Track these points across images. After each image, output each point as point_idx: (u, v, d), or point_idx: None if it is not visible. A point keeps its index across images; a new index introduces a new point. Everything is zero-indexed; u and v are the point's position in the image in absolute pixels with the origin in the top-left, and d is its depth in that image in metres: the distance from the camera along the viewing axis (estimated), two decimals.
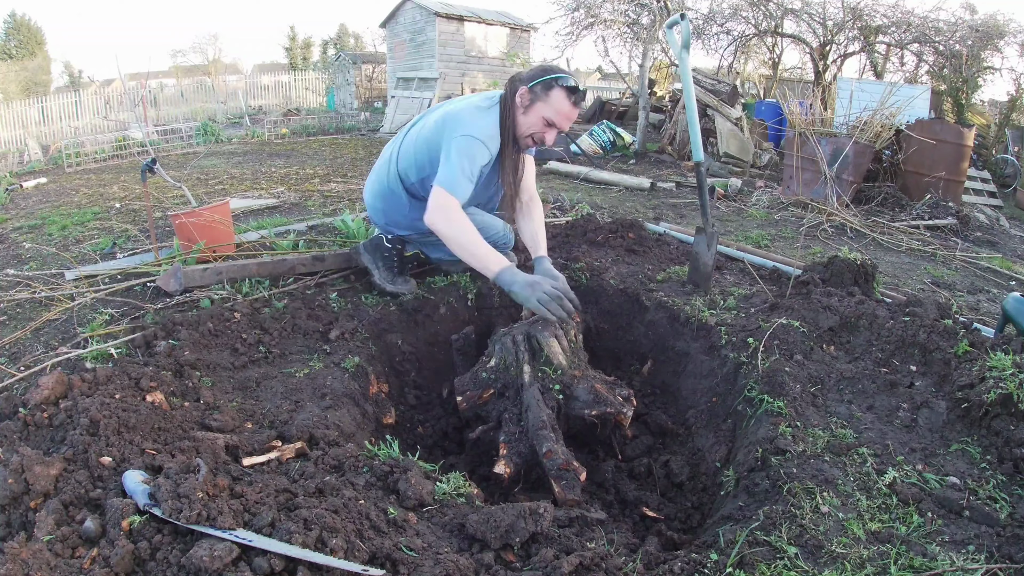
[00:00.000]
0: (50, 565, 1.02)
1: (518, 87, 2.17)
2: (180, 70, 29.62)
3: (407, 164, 2.36)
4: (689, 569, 1.22)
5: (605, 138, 8.05)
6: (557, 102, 2.13)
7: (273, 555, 1.05)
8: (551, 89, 2.12)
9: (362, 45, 29.92)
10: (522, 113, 2.18)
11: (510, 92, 2.20)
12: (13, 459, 1.24)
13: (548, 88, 2.12)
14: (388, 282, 2.50)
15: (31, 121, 15.40)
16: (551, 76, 2.13)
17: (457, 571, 1.13)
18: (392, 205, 2.46)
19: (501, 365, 1.97)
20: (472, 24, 13.61)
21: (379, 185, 2.48)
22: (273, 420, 1.67)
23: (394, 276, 2.53)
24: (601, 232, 3.17)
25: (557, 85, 2.12)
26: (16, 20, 29.33)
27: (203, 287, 2.45)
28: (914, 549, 1.23)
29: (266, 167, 6.42)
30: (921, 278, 3.24)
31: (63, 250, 3.13)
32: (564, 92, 2.13)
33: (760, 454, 1.58)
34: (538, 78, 2.14)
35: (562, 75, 2.13)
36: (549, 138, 2.24)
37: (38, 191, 5.62)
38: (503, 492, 1.78)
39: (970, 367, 1.79)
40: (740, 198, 5.29)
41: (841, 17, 10.58)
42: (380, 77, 17.63)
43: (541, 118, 2.16)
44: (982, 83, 10.19)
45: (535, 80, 2.14)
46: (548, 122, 2.17)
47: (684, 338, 2.35)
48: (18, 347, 2.07)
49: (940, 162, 5.46)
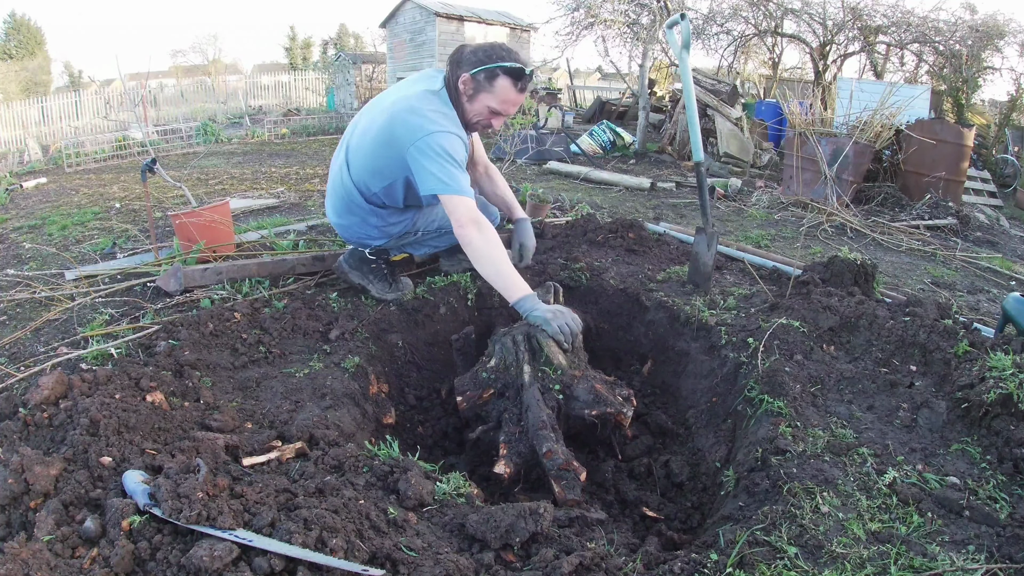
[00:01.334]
0: (50, 565, 1.02)
1: (460, 73, 2.04)
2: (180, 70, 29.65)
3: (363, 173, 2.23)
4: (689, 569, 1.22)
5: (605, 138, 8.05)
6: (502, 91, 2.02)
7: (273, 555, 1.05)
8: (495, 79, 2.00)
9: (362, 45, 29.93)
10: (467, 100, 2.07)
11: (453, 78, 2.06)
12: (13, 459, 1.24)
13: (492, 77, 2.00)
14: (387, 292, 2.45)
15: (31, 121, 15.39)
16: (493, 64, 1.98)
17: (457, 571, 1.13)
18: (358, 219, 2.35)
19: (501, 365, 1.97)
20: (472, 24, 13.60)
21: (339, 201, 2.35)
22: (273, 420, 1.67)
23: (389, 285, 2.47)
24: (601, 232, 3.17)
25: (501, 73, 1.99)
26: (16, 20, 29.31)
27: (203, 287, 2.45)
28: (914, 549, 1.23)
29: (266, 167, 6.42)
30: (921, 278, 3.24)
31: (63, 250, 3.13)
32: (509, 81, 2.00)
33: (760, 454, 1.58)
34: (480, 65, 1.99)
35: (504, 62, 1.98)
36: (496, 124, 2.15)
37: (38, 191, 5.62)
38: (503, 492, 1.78)
39: (970, 367, 1.79)
40: (740, 198, 5.29)
41: (841, 17, 10.59)
42: (380, 77, 17.62)
43: (486, 107, 2.05)
44: (982, 83, 10.20)
45: (477, 68, 2.00)
46: (493, 111, 2.07)
47: (684, 338, 2.35)
48: (18, 347, 2.07)
49: (940, 162, 5.46)
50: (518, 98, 2.07)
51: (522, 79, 2.02)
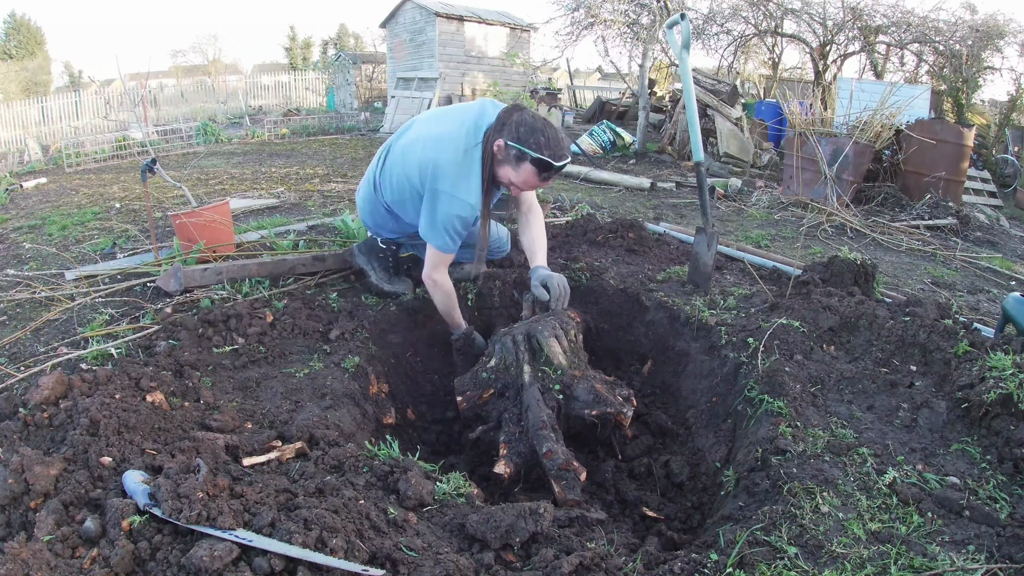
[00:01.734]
0: (50, 565, 1.02)
1: (498, 138, 2.04)
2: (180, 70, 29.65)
3: (387, 181, 2.32)
4: (689, 569, 1.22)
5: (605, 138, 8.05)
6: (524, 174, 2.03)
7: (273, 555, 1.05)
8: (523, 161, 2.00)
9: (362, 45, 29.92)
10: (496, 164, 2.09)
11: (492, 138, 2.07)
12: (13, 459, 1.24)
13: (520, 159, 2.01)
14: (385, 282, 2.50)
15: (31, 121, 15.38)
16: (526, 150, 1.98)
17: (457, 571, 1.13)
18: (378, 213, 2.44)
19: (501, 365, 1.97)
20: (472, 24, 13.60)
21: (366, 191, 2.47)
22: (273, 420, 1.67)
23: (391, 276, 2.53)
24: (601, 232, 3.17)
25: (529, 161, 1.99)
26: (16, 20, 29.31)
27: (203, 287, 2.45)
28: (914, 549, 1.23)
29: (266, 167, 6.42)
30: (921, 278, 3.24)
31: (63, 250, 3.13)
32: (534, 170, 2.01)
33: (760, 454, 1.58)
34: (516, 143, 1.99)
35: (539, 151, 1.97)
36: (514, 192, 2.19)
37: (38, 191, 5.62)
38: (503, 492, 1.78)
39: (970, 367, 1.79)
40: (740, 198, 5.29)
41: (841, 17, 10.59)
42: (380, 77, 17.63)
43: (508, 178, 2.08)
44: (982, 83, 10.21)
45: (513, 143, 2.00)
46: (512, 183, 2.10)
47: (684, 338, 2.35)
48: (18, 347, 2.07)
49: (940, 162, 5.46)
50: (539, 183, 2.10)
51: (548, 171, 2.02)
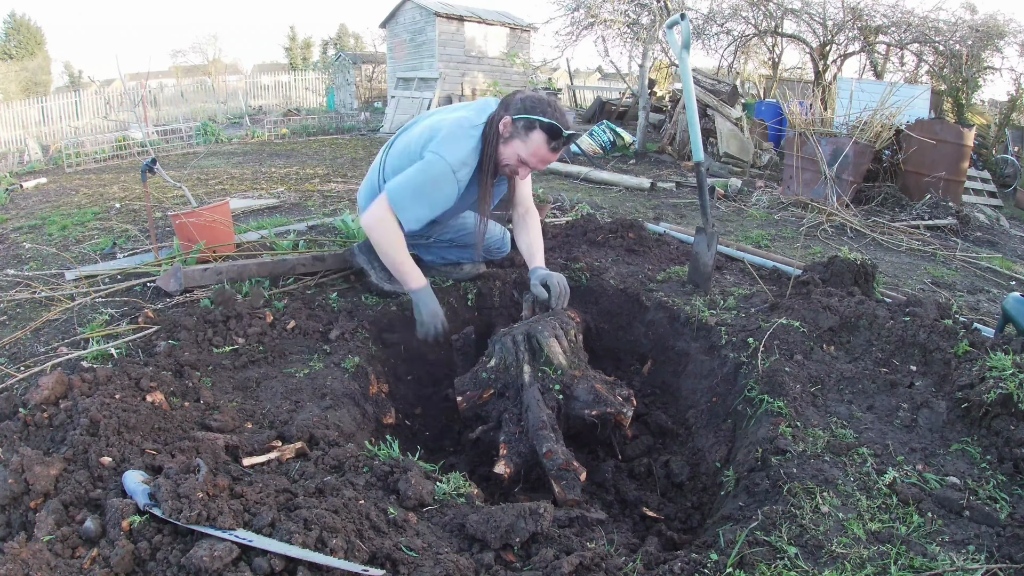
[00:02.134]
0: (50, 565, 1.02)
1: (504, 115, 2.04)
2: (180, 70, 29.66)
3: (392, 172, 2.30)
4: (689, 569, 1.22)
5: (605, 138, 8.05)
6: (534, 144, 2.02)
7: (273, 555, 1.05)
8: (532, 130, 2.00)
9: (362, 45, 29.93)
10: (502, 143, 2.07)
11: (497, 117, 2.07)
12: (13, 459, 1.24)
13: (529, 128, 2.00)
14: (385, 282, 2.50)
15: (31, 121, 15.40)
16: (535, 116, 1.99)
17: (457, 571, 1.13)
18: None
19: (501, 365, 1.97)
20: (472, 24, 13.60)
21: (369, 188, 2.46)
22: (273, 420, 1.67)
23: (391, 276, 2.52)
24: (601, 232, 3.17)
25: (539, 127, 1.99)
26: (16, 20, 29.33)
27: (203, 287, 2.45)
28: (914, 549, 1.23)
29: (266, 167, 6.42)
30: (921, 278, 3.24)
31: (63, 250, 3.13)
32: (544, 137, 2.00)
33: (760, 454, 1.58)
34: (524, 113, 2.01)
35: (546, 118, 1.98)
36: (522, 174, 2.16)
37: (38, 191, 5.62)
38: (503, 492, 1.78)
39: (970, 367, 1.79)
40: (740, 198, 5.29)
41: (841, 17, 10.60)
42: (380, 77, 17.64)
43: (516, 154, 2.06)
44: (982, 83, 10.21)
45: (520, 114, 2.02)
46: (522, 160, 2.08)
47: (684, 338, 2.35)
48: (18, 347, 2.07)
49: (940, 162, 5.46)
50: (548, 156, 2.08)
51: (557, 139, 2.02)
